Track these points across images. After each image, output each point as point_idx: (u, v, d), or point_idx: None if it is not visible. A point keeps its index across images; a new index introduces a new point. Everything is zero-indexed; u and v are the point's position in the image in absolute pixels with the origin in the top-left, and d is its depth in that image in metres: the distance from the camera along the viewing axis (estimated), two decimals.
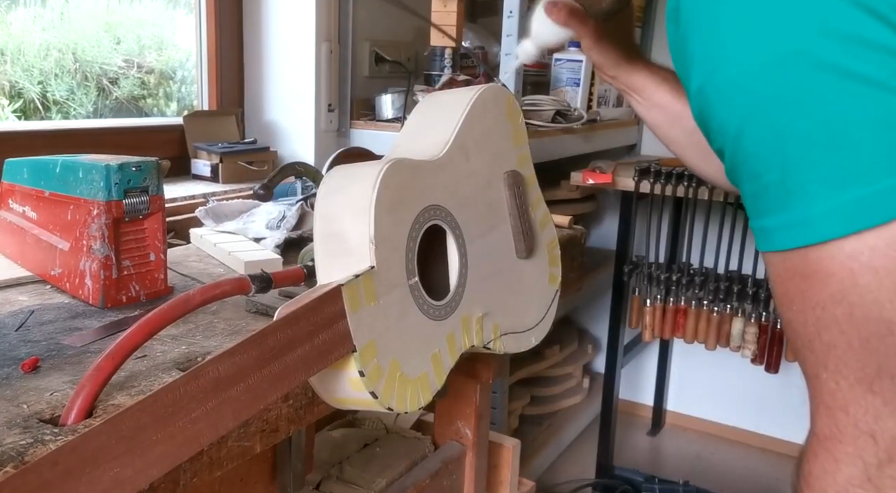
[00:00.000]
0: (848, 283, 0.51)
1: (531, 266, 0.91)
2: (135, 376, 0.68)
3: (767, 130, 0.52)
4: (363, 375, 0.63)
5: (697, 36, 0.55)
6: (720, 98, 0.54)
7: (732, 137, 0.54)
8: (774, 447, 2.64)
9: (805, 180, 0.51)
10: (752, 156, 0.54)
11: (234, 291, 0.72)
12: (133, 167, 0.89)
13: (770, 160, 0.52)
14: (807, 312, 0.54)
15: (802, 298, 0.54)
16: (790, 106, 0.50)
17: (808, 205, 0.51)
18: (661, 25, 2.57)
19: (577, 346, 2.68)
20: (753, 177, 0.55)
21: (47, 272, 0.96)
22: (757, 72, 0.51)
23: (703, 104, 0.56)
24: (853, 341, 0.51)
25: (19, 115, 1.52)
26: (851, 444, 0.52)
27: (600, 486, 2.33)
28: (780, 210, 0.53)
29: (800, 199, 0.51)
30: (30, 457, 0.54)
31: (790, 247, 0.53)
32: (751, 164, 0.54)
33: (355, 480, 1.12)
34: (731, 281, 2.11)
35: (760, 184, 0.54)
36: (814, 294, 0.53)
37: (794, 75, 0.50)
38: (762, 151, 0.53)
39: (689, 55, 0.56)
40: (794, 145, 0.51)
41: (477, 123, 0.84)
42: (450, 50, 1.86)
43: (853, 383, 0.52)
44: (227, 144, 1.66)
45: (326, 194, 0.69)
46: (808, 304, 0.53)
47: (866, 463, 0.52)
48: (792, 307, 0.55)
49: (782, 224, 0.53)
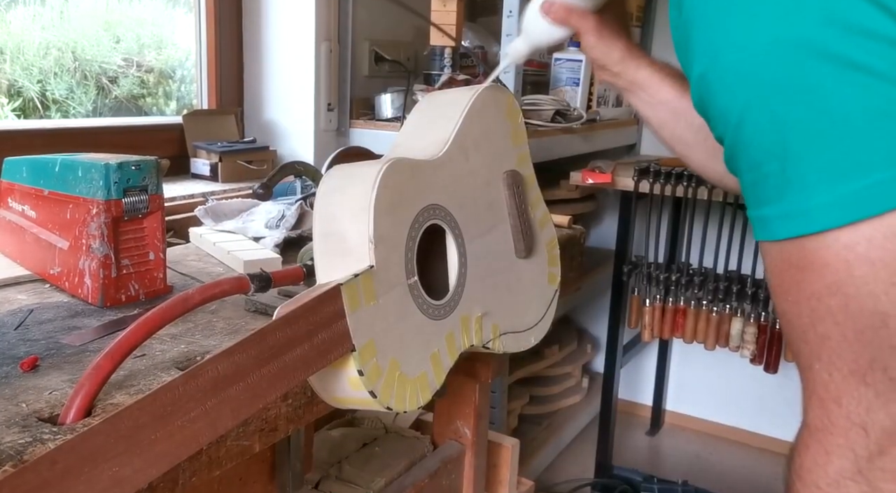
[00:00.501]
0: (844, 274, 0.50)
1: (530, 266, 0.91)
2: (134, 375, 0.68)
3: (768, 119, 0.52)
4: (362, 374, 0.63)
5: (700, 22, 0.55)
6: (721, 85, 0.54)
7: (733, 125, 0.54)
8: (773, 447, 2.64)
9: (804, 170, 0.51)
10: (751, 144, 0.54)
11: (233, 290, 0.72)
12: (132, 166, 0.89)
13: (770, 149, 0.52)
14: (801, 303, 0.53)
15: (798, 288, 0.53)
16: (791, 95, 0.50)
17: (806, 195, 0.51)
18: (661, 25, 2.57)
19: (577, 346, 2.68)
20: (753, 166, 0.54)
21: (46, 271, 0.96)
22: (759, 60, 0.51)
23: (704, 91, 0.56)
24: (847, 332, 0.51)
25: (18, 113, 1.52)
26: (843, 436, 0.52)
27: (599, 486, 2.33)
28: (779, 200, 0.53)
29: (799, 188, 0.51)
30: (28, 456, 0.54)
31: (787, 236, 0.53)
32: (750, 152, 0.54)
33: (354, 479, 1.12)
34: (731, 281, 2.11)
35: (760, 173, 0.54)
36: (809, 285, 0.53)
37: (796, 64, 0.50)
38: (762, 140, 0.53)
39: (691, 41, 0.56)
40: (793, 135, 0.51)
41: (476, 122, 0.84)
42: (449, 49, 1.86)
43: (846, 374, 0.52)
44: (226, 144, 1.66)
45: (326, 194, 0.69)
46: (803, 294, 0.53)
47: (857, 455, 0.52)
48: (787, 298, 0.55)
49: (780, 214, 0.53)
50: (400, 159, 0.71)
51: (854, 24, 0.48)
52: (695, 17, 0.56)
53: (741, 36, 0.52)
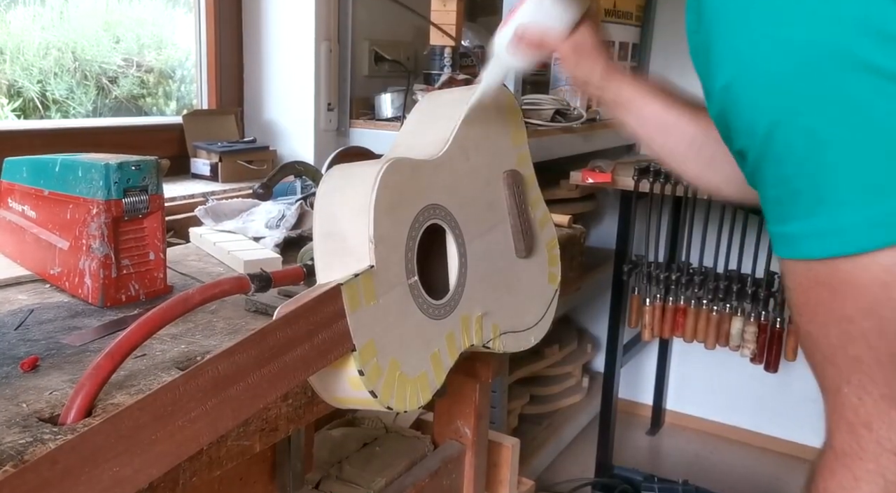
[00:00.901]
0: (881, 296, 0.49)
1: (531, 265, 0.91)
2: (134, 376, 0.68)
3: (801, 133, 0.49)
4: (363, 374, 0.63)
5: (725, 30, 0.52)
6: (749, 97, 0.51)
7: (760, 139, 0.52)
8: (773, 447, 2.64)
9: (840, 187, 0.48)
10: (781, 159, 0.51)
11: (233, 290, 0.72)
12: (132, 166, 0.89)
13: (802, 165, 0.50)
14: (831, 324, 0.51)
15: (827, 309, 0.51)
16: (826, 107, 0.48)
17: (841, 213, 0.49)
18: (661, 25, 2.56)
19: (577, 345, 2.68)
20: (781, 181, 0.52)
21: (47, 271, 0.96)
22: (791, 71, 0.48)
23: (727, 103, 0.53)
24: (881, 356, 0.50)
25: (19, 114, 1.52)
26: (873, 461, 0.51)
27: (599, 485, 2.33)
28: (809, 216, 0.50)
29: (833, 206, 0.49)
30: (29, 456, 0.54)
31: (819, 256, 0.51)
32: (779, 167, 0.51)
33: (355, 479, 1.12)
34: (731, 280, 2.11)
35: (788, 188, 0.51)
36: (840, 306, 0.51)
37: (832, 75, 0.47)
38: (793, 155, 0.50)
39: (713, 50, 0.53)
40: (829, 150, 0.48)
41: (476, 122, 0.84)
42: (449, 49, 1.86)
43: (877, 398, 0.50)
44: (226, 144, 1.66)
45: (326, 194, 0.69)
46: (833, 316, 0.51)
47: (887, 481, 0.51)
48: (814, 319, 0.53)
49: (811, 232, 0.51)
50: (400, 159, 0.71)
51: (891, 33, 0.46)
52: (718, 25, 0.53)
53: (771, 45, 0.49)
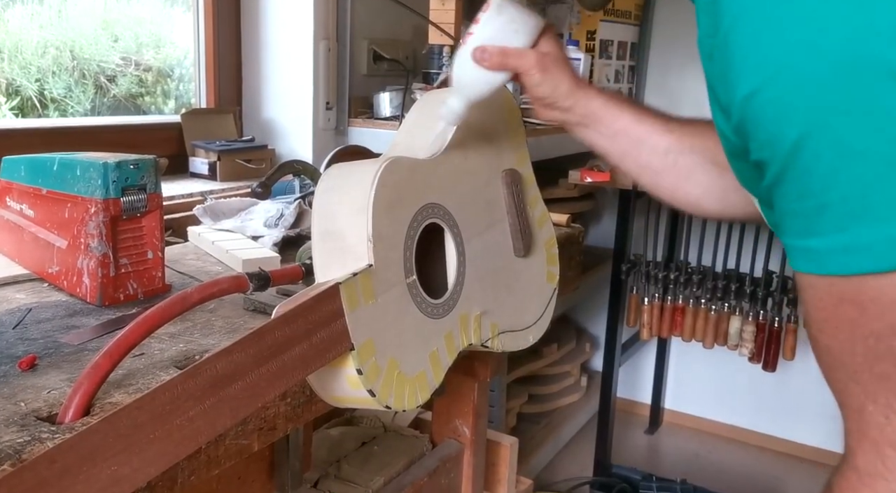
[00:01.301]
0: None
1: (529, 264, 0.91)
2: (132, 375, 0.68)
3: (831, 145, 0.47)
4: (361, 373, 0.63)
5: (750, 38, 0.50)
6: (776, 107, 0.49)
7: (786, 151, 0.49)
8: (771, 445, 2.64)
9: (872, 202, 0.47)
10: (810, 171, 0.49)
11: (231, 289, 0.72)
12: (131, 165, 0.89)
13: (831, 178, 0.48)
14: (857, 341, 0.50)
15: (852, 326, 0.50)
16: (861, 119, 0.46)
17: (873, 229, 0.47)
18: (660, 25, 2.56)
19: (575, 344, 2.68)
20: (807, 194, 0.50)
21: (45, 270, 0.96)
22: (823, 80, 0.46)
23: (750, 112, 0.51)
24: None
25: (17, 112, 1.52)
26: None
27: (598, 484, 2.33)
28: (837, 232, 0.49)
29: (864, 221, 0.47)
30: (27, 455, 0.54)
31: (847, 273, 0.49)
32: (806, 180, 0.49)
33: (353, 478, 1.12)
34: (729, 279, 2.11)
35: (815, 202, 0.49)
36: (868, 323, 0.49)
37: (866, 85, 0.45)
38: (822, 168, 0.48)
39: (734, 59, 0.51)
40: (862, 163, 0.46)
41: (476, 121, 0.84)
42: (448, 48, 1.86)
43: None
44: (224, 142, 1.66)
45: (324, 192, 0.69)
46: (859, 333, 0.50)
47: None
48: (837, 335, 0.51)
49: (838, 247, 0.49)
50: (398, 158, 0.71)
51: None
52: (742, 32, 0.50)
53: (803, 54, 0.47)
